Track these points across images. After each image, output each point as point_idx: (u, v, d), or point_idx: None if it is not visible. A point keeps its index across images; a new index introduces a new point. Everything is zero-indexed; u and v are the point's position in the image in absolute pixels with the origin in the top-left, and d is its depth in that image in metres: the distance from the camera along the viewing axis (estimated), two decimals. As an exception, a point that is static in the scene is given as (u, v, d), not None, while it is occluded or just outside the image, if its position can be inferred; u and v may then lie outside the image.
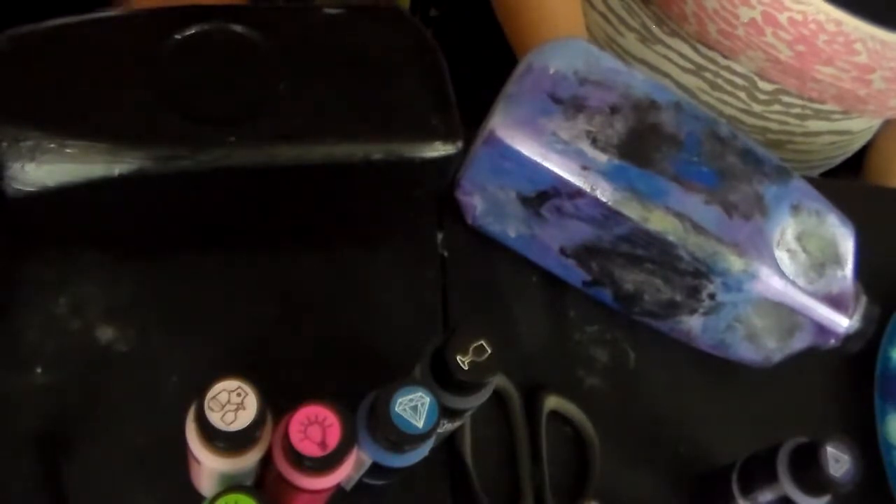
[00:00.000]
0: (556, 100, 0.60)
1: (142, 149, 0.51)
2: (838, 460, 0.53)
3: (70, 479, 0.54)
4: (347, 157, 0.55)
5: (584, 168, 0.59)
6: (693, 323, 0.65)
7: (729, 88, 0.71)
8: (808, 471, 0.54)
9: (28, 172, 0.50)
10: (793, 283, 0.60)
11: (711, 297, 0.61)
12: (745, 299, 0.61)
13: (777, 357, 0.65)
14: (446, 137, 0.56)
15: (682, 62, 0.71)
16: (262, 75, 0.55)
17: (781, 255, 0.61)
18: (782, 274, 0.60)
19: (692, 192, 0.59)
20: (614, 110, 0.60)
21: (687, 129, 0.61)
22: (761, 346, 0.64)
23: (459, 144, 0.57)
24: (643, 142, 0.60)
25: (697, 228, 0.59)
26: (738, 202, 0.60)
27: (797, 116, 0.71)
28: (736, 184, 0.61)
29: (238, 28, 0.56)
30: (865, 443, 0.62)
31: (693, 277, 0.60)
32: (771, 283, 0.60)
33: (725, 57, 0.68)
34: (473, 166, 0.63)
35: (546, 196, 0.60)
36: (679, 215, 0.59)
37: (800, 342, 0.63)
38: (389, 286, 0.65)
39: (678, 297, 0.63)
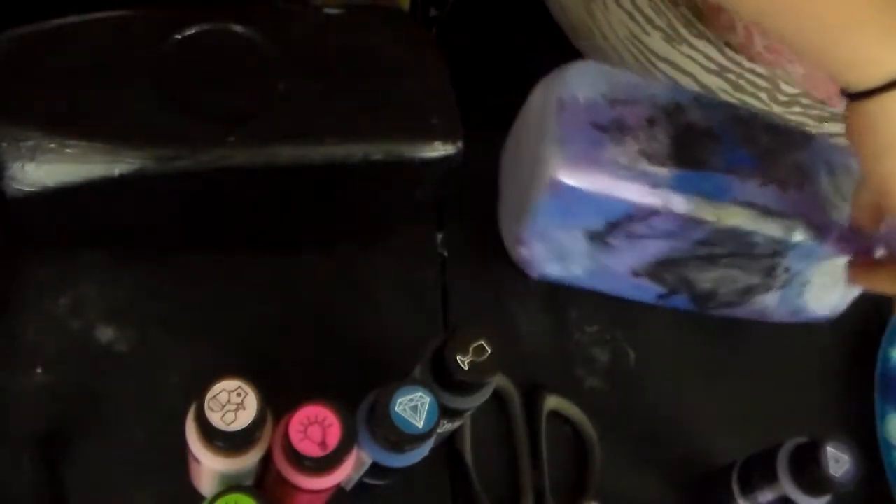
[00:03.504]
0: (599, 127, 0.59)
1: (142, 149, 0.51)
2: (838, 460, 0.53)
3: (70, 479, 0.54)
4: (347, 157, 0.55)
5: (654, 186, 0.58)
6: (769, 300, 0.65)
7: (751, 90, 0.71)
8: (808, 471, 0.54)
9: (28, 172, 0.50)
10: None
11: (787, 270, 0.62)
12: (814, 263, 0.61)
13: (842, 307, 0.66)
14: (446, 137, 0.56)
15: (706, 63, 0.71)
16: (261, 75, 0.55)
17: (834, 212, 0.61)
18: (843, 230, 0.60)
19: (747, 178, 0.60)
20: (651, 123, 0.60)
21: (715, 121, 0.62)
22: (827, 301, 0.65)
23: (459, 144, 0.57)
24: (687, 145, 0.60)
25: (766, 211, 0.59)
26: (786, 175, 0.60)
27: (815, 118, 0.71)
28: (776, 159, 0.61)
29: (238, 28, 0.56)
30: (865, 443, 0.62)
31: (770, 258, 0.61)
32: (837, 243, 0.60)
33: (751, 59, 0.67)
34: (538, 218, 0.61)
35: (616, 225, 0.60)
36: (747, 204, 0.59)
37: (858, 288, 0.64)
38: (389, 286, 0.65)
39: (754, 281, 0.63)
